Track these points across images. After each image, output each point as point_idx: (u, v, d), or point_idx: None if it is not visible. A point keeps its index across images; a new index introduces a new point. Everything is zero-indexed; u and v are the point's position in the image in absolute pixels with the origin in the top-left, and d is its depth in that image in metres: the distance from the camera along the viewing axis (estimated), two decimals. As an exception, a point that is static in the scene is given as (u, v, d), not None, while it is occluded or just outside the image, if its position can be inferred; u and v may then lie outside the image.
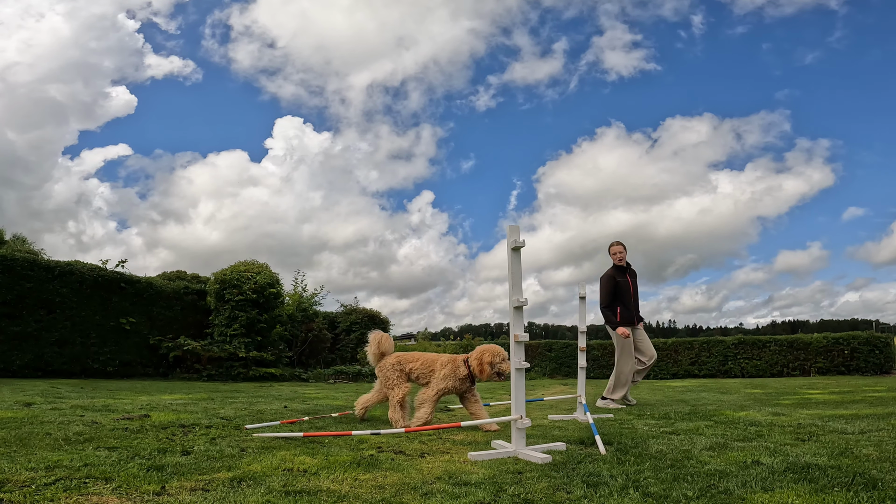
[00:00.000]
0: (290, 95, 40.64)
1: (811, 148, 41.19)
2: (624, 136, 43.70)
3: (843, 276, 63.51)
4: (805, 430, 3.43)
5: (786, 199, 43.30)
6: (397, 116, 44.18)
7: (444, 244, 54.13)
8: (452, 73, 40.83)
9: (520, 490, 2.02)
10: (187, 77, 37.62)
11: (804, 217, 46.38)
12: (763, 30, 38.11)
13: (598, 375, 15.69)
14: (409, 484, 2.12)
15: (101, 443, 2.80)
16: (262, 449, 2.79)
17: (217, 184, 43.07)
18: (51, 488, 1.92)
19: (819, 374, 13.37)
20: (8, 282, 8.54)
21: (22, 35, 30.04)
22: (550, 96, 41.34)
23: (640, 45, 40.87)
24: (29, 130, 34.03)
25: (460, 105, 42.70)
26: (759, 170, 43.69)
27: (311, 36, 42.55)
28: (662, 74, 39.33)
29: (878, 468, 2.27)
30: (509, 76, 42.58)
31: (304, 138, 41.41)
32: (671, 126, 43.20)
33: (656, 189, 48.17)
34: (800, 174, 41.73)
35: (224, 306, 10.85)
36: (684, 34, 38.89)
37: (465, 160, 45.44)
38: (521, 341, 2.84)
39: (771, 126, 39.44)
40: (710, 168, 45.94)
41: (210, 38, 37.76)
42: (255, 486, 2.04)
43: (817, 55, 38.09)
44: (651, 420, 4.19)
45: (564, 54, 40.70)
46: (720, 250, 55.68)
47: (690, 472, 2.25)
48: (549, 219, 53.32)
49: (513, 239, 2.89)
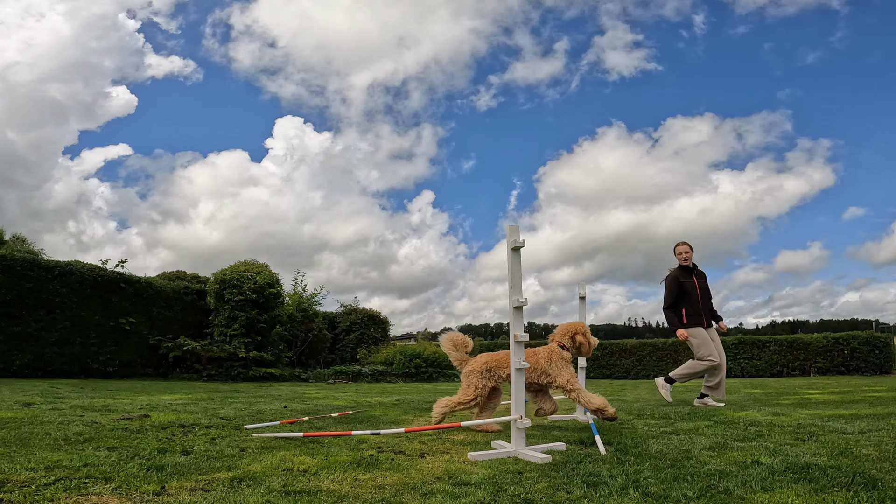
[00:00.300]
0: (290, 95, 40.60)
1: (812, 148, 41.19)
2: (625, 136, 43.71)
3: (843, 276, 63.51)
4: (805, 430, 3.43)
5: (786, 199, 43.34)
6: (398, 116, 44.16)
7: (444, 244, 54.10)
8: (454, 72, 40.81)
9: (520, 490, 2.02)
10: (188, 77, 37.64)
11: (805, 217, 46.38)
12: (765, 30, 38.09)
13: (597, 375, 15.69)
14: (409, 484, 2.12)
15: (101, 443, 2.80)
16: (262, 449, 2.79)
17: (217, 184, 43.10)
18: (51, 488, 1.92)
19: (819, 374, 13.37)
20: (8, 282, 8.54)
21: (22, 35, 30.02)
22: (551, 96, 41.34)
23: (641, 44, 40.87)
24: (29, 130, 34.01)
25: (461, 105, 42.71)
26: (760, 170, 43.70)
27: (311, 35, 42.51)
28: (663, 74, 39.35)
29: (877, 468, 2.27)
30: (510, 76, 42.56)
31: (305, 138, 41.43)
32: (672, 126, 43.19)
33: (657, 189, 48.16)
34: (801, 174, 41.74)
35: (224, 306, 10.85)
36: (686, 34, 38.87)
37: (466, 160, 45.42)
38: (521, 341, 2.84)
39: (772, 126, 39.44)
40: (711, 168, 45.92)
41: (210, 37, 37.75)
42: (255, 486, 2.04)
43: (819, 55, 38.08)
44: (651, 420, 4.19)
45: (566, 54, 40.71)
46: (721, 250, 55.72)
47: (690, 472, 2.26)
48: (550, 219, 53.30)
49: (513, 239, 2.89)
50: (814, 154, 43.49)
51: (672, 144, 45.82)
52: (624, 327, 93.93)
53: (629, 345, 16.08)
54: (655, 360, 15.34)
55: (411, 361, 12.65)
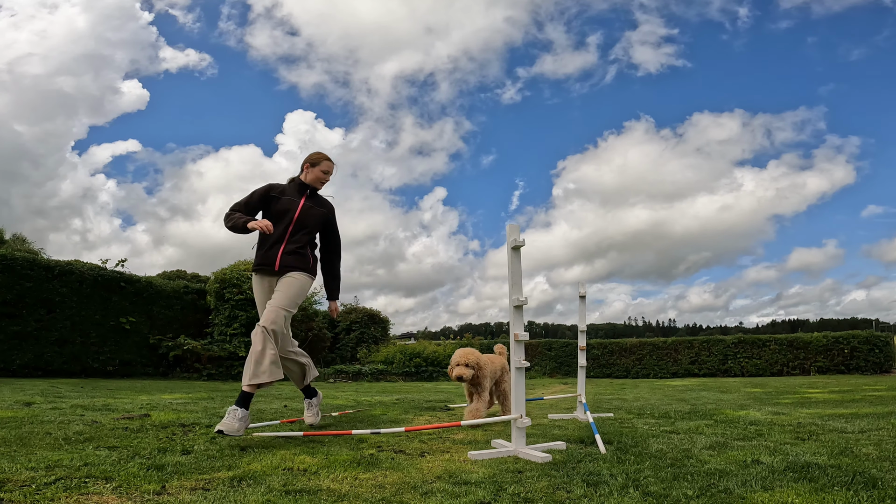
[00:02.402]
0: (310, 86, 40.14)
1: (841, 145, 40.77)
2: (652, 131, 43.35)
3: (855, 274, 63.30)
4: (805, 429, 3.43)
5: (806, 196, 43.00)
6: (424, 108, 43.76)
7: (454, 242, 53.94)
8: (484, 62, 40.36)
9: (520, 489, 2.02)
10: (202, 72, 37.38)
11: (823, 214, 46.07)
12: (808, 25, 37.50)
13: (597, 374, 15.69)
14: (409, 483, 2.12)
15: (102, 442, 2.80)
16: (262, 448, 2.79)
17: (228, 179, 42.88)
18: (51, 488, 1.92)
19: (819, 373, 13.37)
20: (8, 281, 8.53)
21: (36, 26, 29.73)
22: (578, 91, 40.97)
23: (674, 39, 40.52)
24: (38, 123, 33.80)
25: (484, 99, 42.38)
26: (783, 167, 43.31)
27: (336, 22, 41.89)
28: (693, 70, 38.90)
29: (877, 467, 2.27)
30: (539, 69, 42.02)
31: (316, 133, 41.18)
32: (699, 121, 42.74)
33: (680, 186, 47.87)
34: (822, 171, 41.38)
35: (224, 305, 10.85)
36: (729, 26, 38.33)
37: (486, 155, 45.09)
38: (521, 340, 2.84)
39: (805, 123, 38.97)
40: (736, 165, 45.49)
41: (227, 19, 37.21)
42: (256, 485, 2.04)
43: (862, 52, 37.52)
44: (651, 419, 4.19)
45: (598, 48, 40.32)
46: (735, 248, 55.71)
47: (690, 472, 2.26)
48: (566, 215, 53.07)
49: (513, 238, 2.89)
50: (841, 151, 43.28)
51: (696, 140, 45.52)
52: (624, 326, 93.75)
53: (629, 344, 16.08)
54: (655, 360, 15.34)
55: (411, 360, 12.66)
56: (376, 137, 43.31)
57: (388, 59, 42.24)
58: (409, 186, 47.96)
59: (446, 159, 43.69)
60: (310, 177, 3.52)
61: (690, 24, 38.56)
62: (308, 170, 3.53)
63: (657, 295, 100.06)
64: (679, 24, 38.75)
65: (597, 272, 58.47)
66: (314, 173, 3.52)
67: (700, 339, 15.43)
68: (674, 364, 15.10)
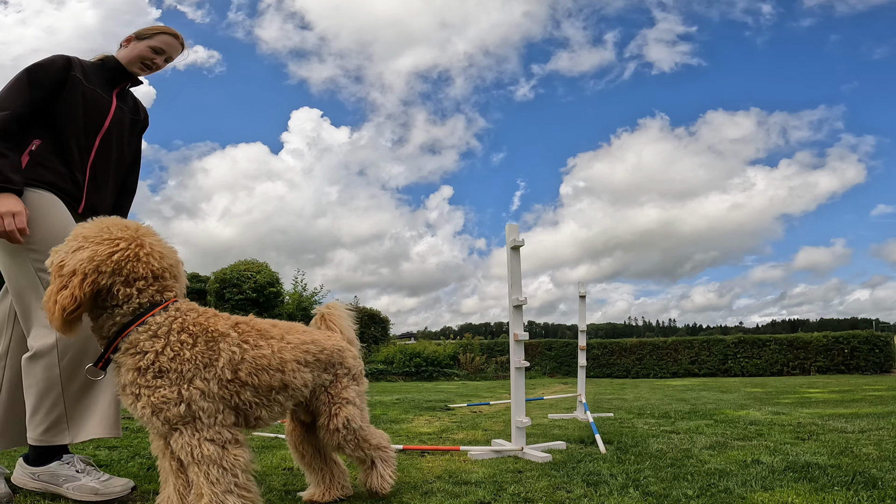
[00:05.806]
0: (321, 81, 40.10)
1: (855, 144, 40.77)
2: (667, 129, 43.36)
3: (861, 274, 63.28)
4: (805, 429, 3.43)
5: (816, 196, 43.02)
6: (438, 105, 43.72)
7: (458, 241, 53.88)
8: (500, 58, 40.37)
9: (520, 489, 2.02)
10: (210, 69, 37.34)
11: (832, 214, 46.10)
12: (832, 23, 37.49)
13: (597, 374, 15.70)
14: (410, 483, 2.12)
15: (102, 442, 2.80)
16: (262, 448, 2.79)
17: (234, 177, 42.76)
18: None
19: (819, 373, 13.37)
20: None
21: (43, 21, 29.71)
22: (593, 88, 40.98)
23: (691, 38, 40.42)
24: None
25: (497, 96, 42.37)
26: (795, 165, 43.33)
27: (350, 16, 41.96)
28: (709, 69, 38.90)
29: (877, 467, 2.27)
30: (554, 66, 41.97)
31: (322, 132, 41.07)
32: (713, 119, 42.77)
33: (692, 184, 47.87)
34: (834, 170, 41.43)
35: (224, 305, 10.86)
36: (752, 23, 38.25)
37: (497, 153, 45.03)
38: (521, 340, 2.84)
39: (822, 122, 38.97)
40: (749, 164, 45.48)
41: (237, 10, 37.13)
42: (256, 485, 2.04)
43: (885, 51, 37.50)
44: (651, 419, 4.19)
45: (615, 46, 40.34)
46: (742, 247, 55.80)
47: (690, 471, 2.26)
48: (575, 214, 53.07)
49: (512, 238, 2.89)
50: (855, 150, 43.37)
51: (710, 138, 45.57)
52: (624, 326, 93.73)
53: (629, 344, 16.08)
54: (655, 360, 15.35)
55: (411, 360, 12.67)
56: (383, 136, 43.31)
57: (403, 55, 42.11)
58: (416, 185, 47.93)
59: (457, 157, 43.68)
60: (132, 54, 2.12)
61: (711, 22, 38.65)
62: (131, 44, 2.14)
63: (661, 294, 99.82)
64: (698, 22, 38.87)
65: (602, 271, 58.20)
66: (138, 49, 2.12)
67: (700, 339, 15.43)
68: (674, 364, 15.10)
